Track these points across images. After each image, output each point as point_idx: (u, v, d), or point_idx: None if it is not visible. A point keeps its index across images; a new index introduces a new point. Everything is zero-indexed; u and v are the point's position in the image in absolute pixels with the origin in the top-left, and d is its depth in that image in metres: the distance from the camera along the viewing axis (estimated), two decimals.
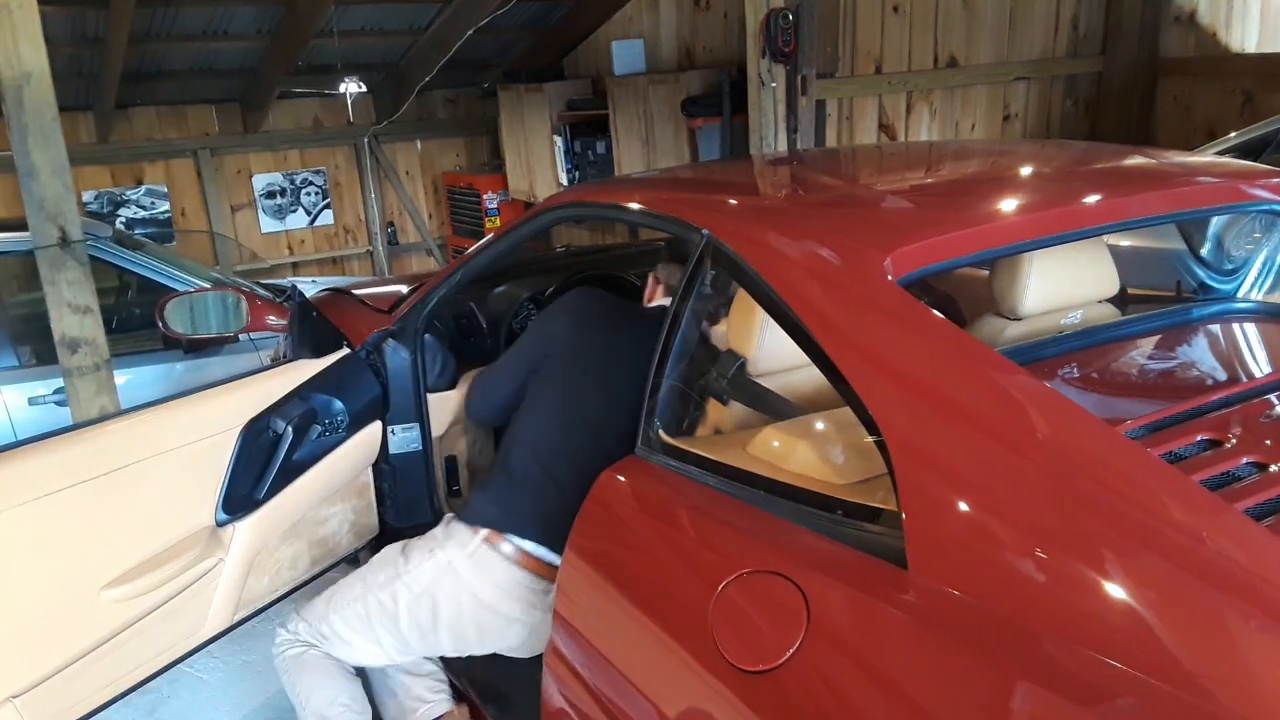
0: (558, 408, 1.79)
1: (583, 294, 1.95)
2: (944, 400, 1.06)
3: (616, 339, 1.81)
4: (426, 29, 5.63)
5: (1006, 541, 0.97)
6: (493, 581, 1.72)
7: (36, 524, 1.59)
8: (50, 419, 3.11)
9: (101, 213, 5.81)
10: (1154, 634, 0.86)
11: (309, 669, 1.88)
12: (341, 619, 1.84)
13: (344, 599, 1.85)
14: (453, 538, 1.76)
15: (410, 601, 1.77)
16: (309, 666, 1.88)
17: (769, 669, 1.06)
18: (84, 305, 2.57)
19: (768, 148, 3.62)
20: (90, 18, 4.67)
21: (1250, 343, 1.61)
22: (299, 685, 1.88)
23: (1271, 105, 4.06)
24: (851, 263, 1.24)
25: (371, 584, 1.82)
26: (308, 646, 1.88)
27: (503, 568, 1.73)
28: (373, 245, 6.79)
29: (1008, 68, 4.71)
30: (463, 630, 1.78)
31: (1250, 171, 1.64)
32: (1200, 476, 1.05)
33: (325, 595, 1.90)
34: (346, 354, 2.12)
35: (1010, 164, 1.82)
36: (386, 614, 1.79)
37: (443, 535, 1.79)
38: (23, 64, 2.39)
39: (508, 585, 1.73)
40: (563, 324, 1.86)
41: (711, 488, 1.32)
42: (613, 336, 1.82)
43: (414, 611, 1.77)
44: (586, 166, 5.40)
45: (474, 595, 1.73)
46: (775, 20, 3.41)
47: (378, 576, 1.82)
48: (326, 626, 1.85)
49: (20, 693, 1.58)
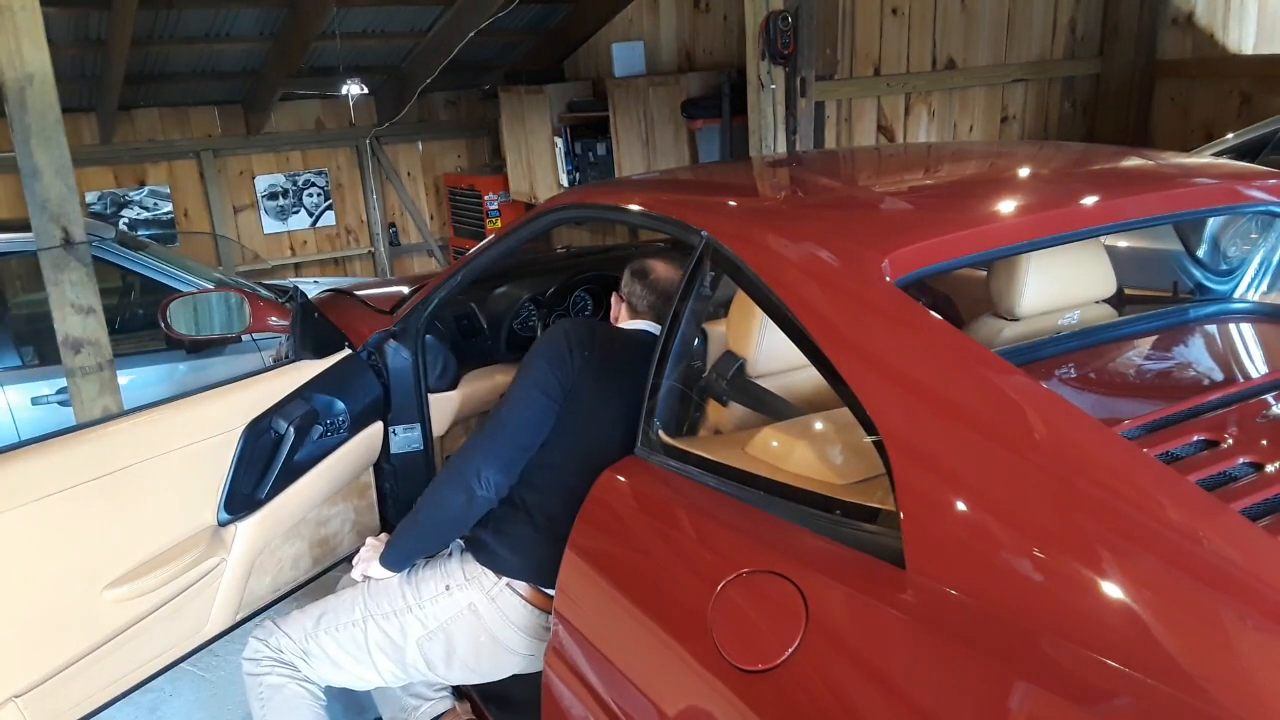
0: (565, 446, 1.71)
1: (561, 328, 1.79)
2: (942, 401, 1.07)
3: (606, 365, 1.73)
4: (428, 31, 5.64)
5: (1004, 541, 0.97)
6: (512, 623, 1.69)
7: (39, 524, 1.60)
8: (53, 419, 3.12)
9: (104, 214, 5.82)
10: (1151, 634, 0.86)
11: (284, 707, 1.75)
12: (335, 641, 1.75)
13: (339, 622, 1.76)
14: (473, 580, 1.69)
15: (422, 637, 1.71)
16: (285, 704, 1.75)
17: (768, 668, 1.06)
18: (87, 306, 2.58)
19: (767, 149, 3.63)
20: (93, 19, 4.68)
21: (1247, 343, 1.62)
22: (265, 710, 1.76)
23: (1269, 106, 4.07)
24: (850, 264, 1.25)
25: (374, 612, 1.74)
26: (288, 669, 1.77)
27: (523, 610, 1.69)
28: (374, 246, 6.80)
29: (1006, 70, 4.72)
30: (479, 666, 1.75)
31: (1247, 173, 1.64)
32: (1197, 477, 1.05)
33: (313, 612, 1.79)
34: (348, 354, 2.13)
35: (1008, 165, 1.82)
36: (392, 645, 1.74)
37: (460, 574, 1.71)
38: (26, 65, 2.39)
39: (526, 625, 1.69)
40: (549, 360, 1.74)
41: (711, 488, 1.32)
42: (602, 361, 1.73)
43: (425, 647, 1.72)
44: (587, 168, 5.41)
45: (493, 636, 1.69)
46: (774, 22, 3.42)
47: (381, 605, 1.74)
48: (315, 645, 1.76)
49: (23, 692, 1.59)
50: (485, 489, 1.66)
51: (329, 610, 1.79)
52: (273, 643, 1.78)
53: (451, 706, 1.93)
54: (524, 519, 1.68)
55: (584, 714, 1.37)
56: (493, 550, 1.69)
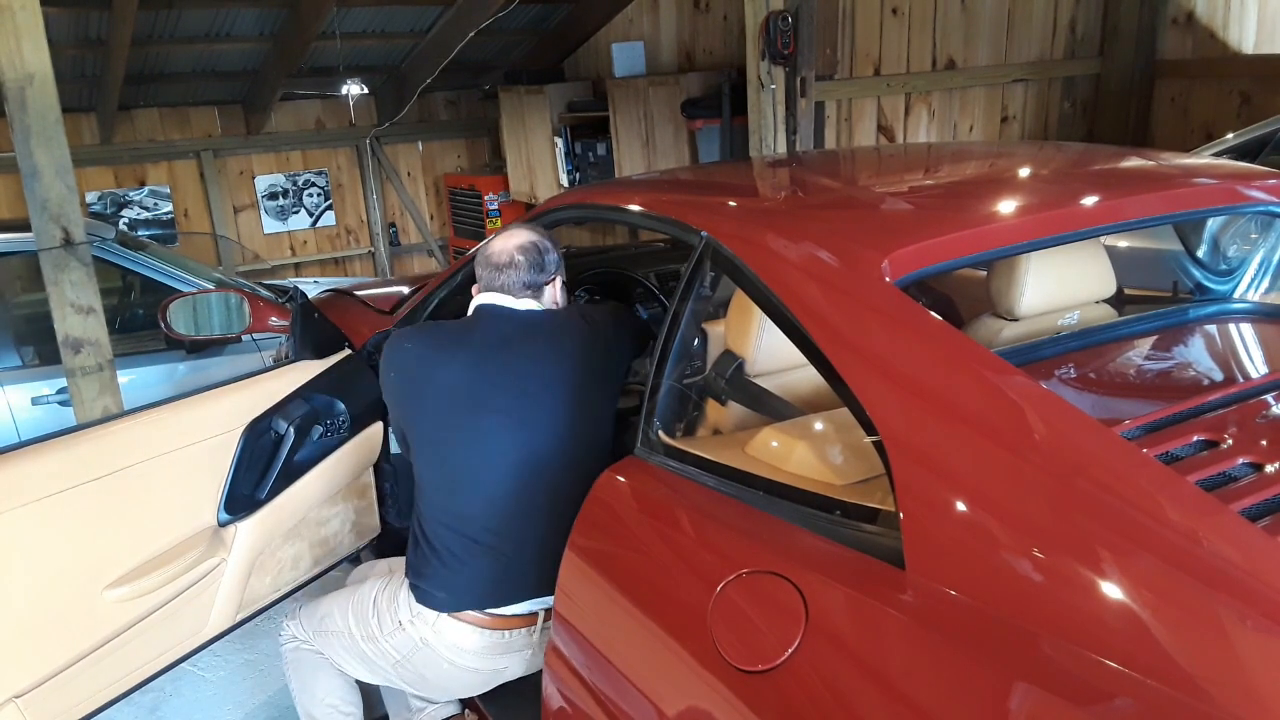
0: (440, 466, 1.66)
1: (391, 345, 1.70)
2: (942, 401, 1.07)
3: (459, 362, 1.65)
4: (428, 31, 5.64)
5: (1004, 542, 0.97)
6: (468, 649, 1.68)
7: (40, 524, 1.60)
8: (53, 419, 3.12)
9: (105, 214, 5.82)
10: (1150, 634, 0.86)
11: (301, 666, 1.91)
12: (331, 643, 1.84)
13: (332, 629, 1.83)
14: (418, 617, 1.68)
15: (395, 663, 1.74)
16: (302, 664, 1.91)
17: (767, 669, 1.06)
18: (87, 306, 2.58)
19: (767, 149, 3.63)
20: (93, 20, 4.68)
21: (1246, 343, 1.62)
22: (293, 681, 1.93)
23: (1269, 106, 4.06)
24: (849, 264, 1.25)
25: (356, 633, 1.78)
26: (304, 644, 1.90)
27: (474, 635, 1.67)
28: (374, 246, 6.80)
29: (1006, 70, 4.72)
30: (457, 688, 1.79)
31: (1247, 173, 1.64)
32: (1196, 477, 1.05)
33: (319, 610, 1.88)
34: (348, 355, 2.13)
35: (1008, 166, 1.82)
36: (373, 663, 1.78)
37: (408, 610, 1.68)
38: (26, 66, 2.40)
39: (485, 647, 1.69)
40: (390, 384, 1.69)
41: (710, 488, 1.32)
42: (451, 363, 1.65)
43: (401, 670, 1.75)
44: (587, 168, 5.41)
45: (453, 663, 1.70)
46: (774, 22, 3.42)
47: (359, 627, 1.77)
48: (322, 641, 1.87)
49: (23, 692, 1.59)
50: None
51: (327, 614, 1.85)
52: (294, 628, 1.93)
53: (460, 711, 1.93)
54: (434, 557, 1.65)
55: (584, 714, 1.37)
56: (423, 589, 1.68)
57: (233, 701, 2.56)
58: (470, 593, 1.65)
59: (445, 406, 1.64)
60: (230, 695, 2.58)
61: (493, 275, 1.71)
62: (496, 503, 1.63)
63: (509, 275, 1.69)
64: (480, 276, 1.74)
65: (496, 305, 1.71)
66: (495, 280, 1.71)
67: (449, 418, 1.64)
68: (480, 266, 1.74)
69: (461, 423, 1.63)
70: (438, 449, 1.66)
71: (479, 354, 1.65)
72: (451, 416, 1.63)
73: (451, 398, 1.63)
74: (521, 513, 1.63)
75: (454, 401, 1.63)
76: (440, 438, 1.65)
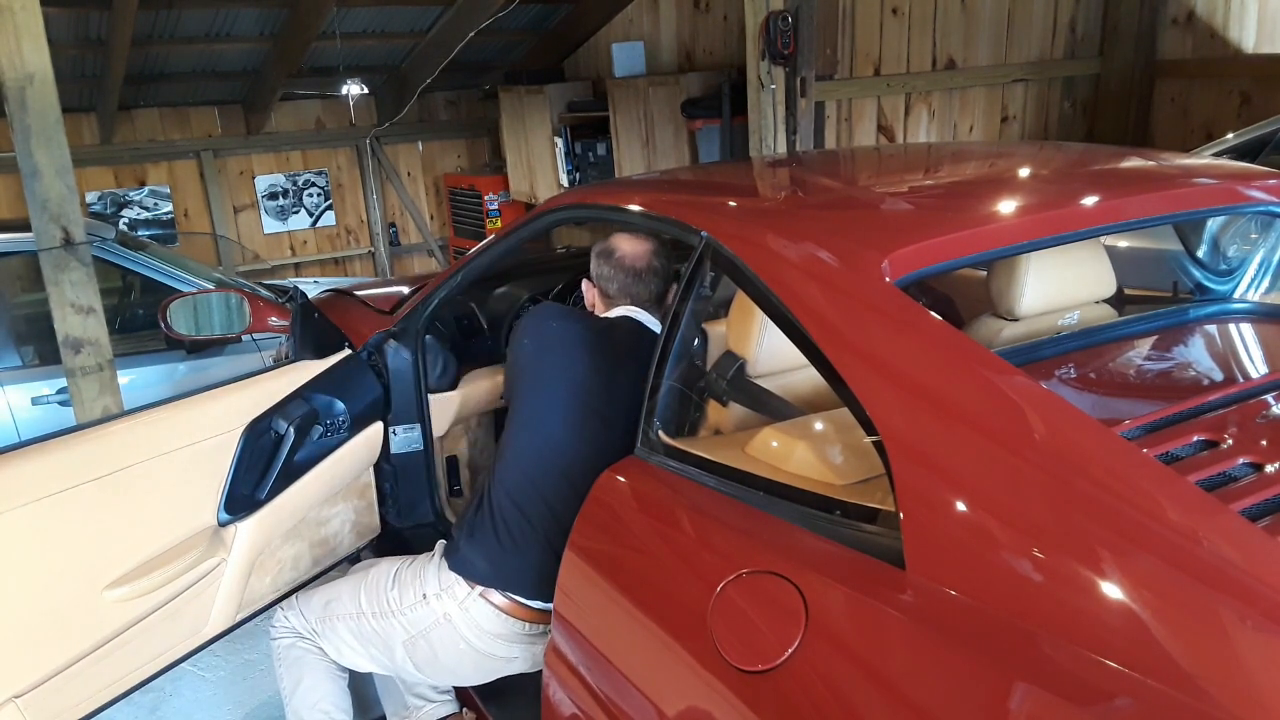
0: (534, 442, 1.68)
1: (536, 315, 1.76)
2: (942, 401, 1.07)
3: (588, 359, 1.69)
4: (428, 31, 5.64)
5: (1004, 542, 0.97)
6: (489, 631, 1.69)
7: (39, 524, 1.60)
8: (53, 419, 3.12)
9: (105, 214, 5.82)
10: (1150, 634, 0.86)
11: (297, 665, 1.90)
12: (337, 628, 1.84)
13: (341, 611, 1.83)
14: (447, 590, 1.69)
15: (407, 640, 1.74)
16: (298, 663, 1.89)
17: (768, 669, 1.06)
18: (87, 306, 2.58)
19: (767, 149, 3.63)
20: (93, 19, 4.68)
21: (1246, 343, 1.62)
22: (286, 678, 1.91)
23: (1269, 106, 4.06)
24: (849, 264, 1.25)
25: (366, 610, 1.79)
26: (308, 642, 1.89)
27: (497, 620, 1.69)
28: (374, 246, 6.80)
29: (1006, 70, 4.72)
30: (462, 671, 1.78)
31: (1247, 173, 1.65)
32: (1196, 477, 1.05)
33: (323, 596, 1.89)
34: (348, 355, 2.13)
35: (1008, 166, 1.82)
36: (382, 643, 1.78)
37: (436, 583, 1.71)
38: (26, 65, 2.40)
39: (505, 633, 1.70)
40: (522, 349, 1.73)
41: (711, 488, 1.32)
42: (582, 357, 1.69)
43: (410, 649, 1.75)
44: (587, 168, 5.41)
45: (470, 645, 1.70)
46: (774, 23, 3.42)
47: (373, 603, 1.78)
48: (325, 627, 1.86)
49: (23, 692, 1.59)
50: None
51: (334, 598, 1.86)
52: (293, 619, 1.91)
53: (458, 710, 1.93)
54: (491, 527, 1.68)
55: (584, 714, 1.37)
56: (465, 556, 1.69)
57: (233, 701, 2.56)
58: (510, 574, 1.66)
59: (562, 397, 1.67)
60: (230, 695, 2.58)
61: (630, 281, 1.76)
62: (567, 501, 1.62)
63: (649, 283, 1.74)
64: (611, 278, 1.78)
65: (642, 323, 1.76)
66: (632, 288, 1.76)
67: (561, 410, 1.67)
68: (611, 267, 1.78)
69: (570, 418, 1.66)
70: (539, 429, 1.68)
71: (611, 362, 1.68)
72: (565, 410, 1.67)
73: (570, 391, 1.67)
74: None
75: (572, 395, 1.67)
76: (545, 418, 1.68)
